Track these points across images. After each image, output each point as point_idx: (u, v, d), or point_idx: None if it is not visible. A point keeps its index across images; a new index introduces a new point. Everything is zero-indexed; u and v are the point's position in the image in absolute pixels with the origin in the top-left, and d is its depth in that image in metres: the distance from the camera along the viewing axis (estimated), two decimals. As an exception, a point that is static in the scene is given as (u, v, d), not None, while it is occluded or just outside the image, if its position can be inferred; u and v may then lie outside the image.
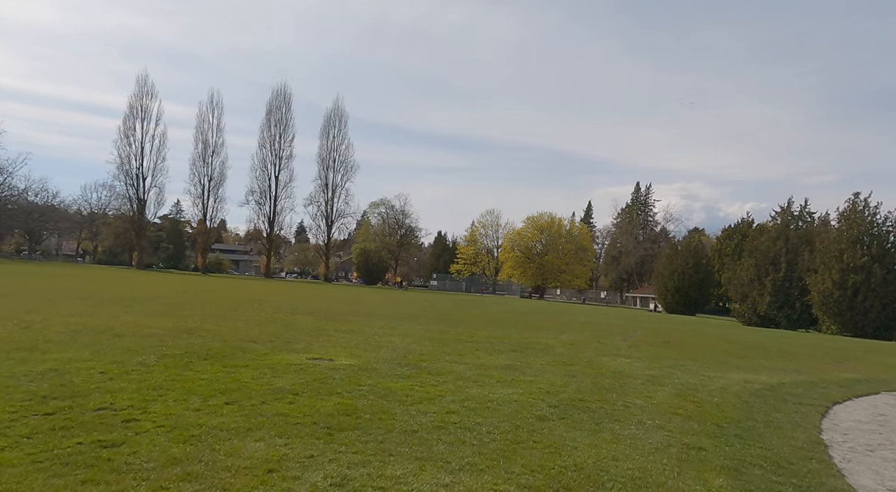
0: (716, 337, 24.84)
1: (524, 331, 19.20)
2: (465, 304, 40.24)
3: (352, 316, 19.72)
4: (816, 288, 41.11)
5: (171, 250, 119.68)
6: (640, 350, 15.37)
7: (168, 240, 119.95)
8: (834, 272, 39.96)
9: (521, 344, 14.50)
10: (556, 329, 21.49)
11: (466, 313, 27.32)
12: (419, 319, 20.58)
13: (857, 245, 40.23)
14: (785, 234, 47.40)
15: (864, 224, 40.94)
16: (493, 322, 22.38)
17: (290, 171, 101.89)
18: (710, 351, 17.22)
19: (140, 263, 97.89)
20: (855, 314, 39.57)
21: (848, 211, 42.62)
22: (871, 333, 39.40)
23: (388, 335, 13.84)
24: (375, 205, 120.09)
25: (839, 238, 40.98)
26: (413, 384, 7.74)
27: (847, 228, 41.45)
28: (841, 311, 39.86)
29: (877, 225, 41.46)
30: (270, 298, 28.61)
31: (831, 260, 40.32)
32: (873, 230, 41.12)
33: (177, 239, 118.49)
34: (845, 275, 39.61)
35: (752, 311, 47.77)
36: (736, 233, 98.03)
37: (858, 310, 39.53)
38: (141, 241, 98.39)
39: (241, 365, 8.13)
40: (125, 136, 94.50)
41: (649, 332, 24.62)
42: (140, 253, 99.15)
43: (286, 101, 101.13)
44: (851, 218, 41.85)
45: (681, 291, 67.57)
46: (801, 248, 45.29)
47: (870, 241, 40.70)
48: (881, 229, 41.36)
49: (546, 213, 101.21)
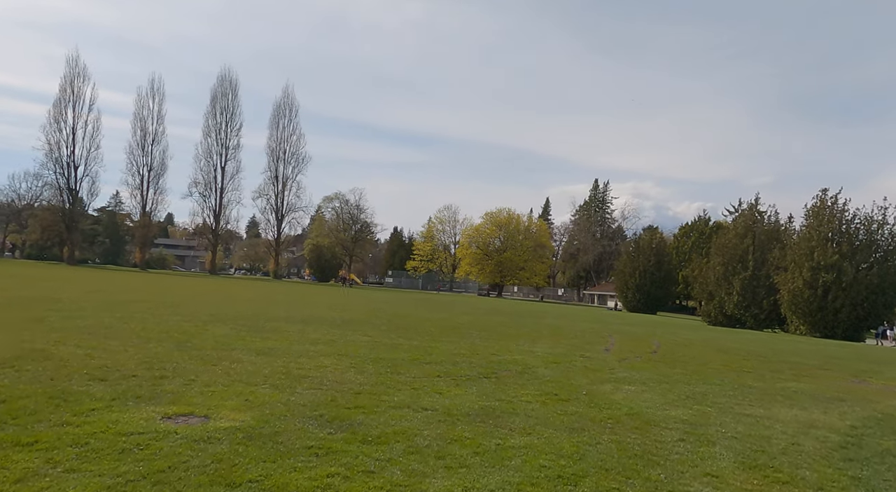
0: (700, 344, 22.32)
1: (492, 340, 16.11)
2: (421, 304, 36.96)
3: (283, 324, 16.20)
4: (786, 287, 39.50)
5: (107, 245, 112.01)
6: (637, 370, 12.45)
7: (105, 234, 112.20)
8: (805, 271, 38.38)
9: (492, 363, 11.36)
10: (528, 337, 18.48)
11: (423, 317, 24.07)
12: (367, 327, 17.24)
13: (827, 243, 38.79)
14: (752, 231, 45.89)
15: (835, 221, 39.52)
16: (455, 329, 19.22)
17: (238, 161, 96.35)
18: (714, 367, 14.49)
19: (71, 258, 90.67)
20: (826, 314, 38.07)
21: (817, 207, 41.21)
22: (841, 334, 38.03)
23: (320, 356, 10.46)
24: (329, 199, 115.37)
25: (809, 236, 39.46)
26: (332, 474, 4.45)
27: (817, 224, 40.00)
28: (811, 311, 38.32)
29: (846, 222, 40.14)
30: (195, 299, 24.67)
31: (802, 258, 38.73)
32: (842, 227, 39.77)
33: (115, 233, 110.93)
34: (816, 273, 38.07)
35: (719, 310, 46.12)
36: (693, 231, 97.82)
37: (829, 310, 38.05)
38: (72, 234, 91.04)
39: (26, 441, 4.63)
40: (55, 121, 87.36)
41: (626, 338, 21.91)
42: (71, 248, 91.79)
43: (232, 87, 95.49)
44: (821, 215, 40.43)
45: (642, 289, 66.05)
46: (769, 245, 43.81)
47: (839, 238, 39.33)
48: (850, 227, 40.07)
49: (505, 208, 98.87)
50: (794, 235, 43.39)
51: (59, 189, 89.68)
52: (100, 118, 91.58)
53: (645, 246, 67.57)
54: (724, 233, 50.97)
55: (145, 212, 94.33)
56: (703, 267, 48.56)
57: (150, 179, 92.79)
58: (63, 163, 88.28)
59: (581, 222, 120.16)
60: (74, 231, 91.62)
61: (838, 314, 37.86)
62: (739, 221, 47.69)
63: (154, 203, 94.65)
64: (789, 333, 40.45)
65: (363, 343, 13.07)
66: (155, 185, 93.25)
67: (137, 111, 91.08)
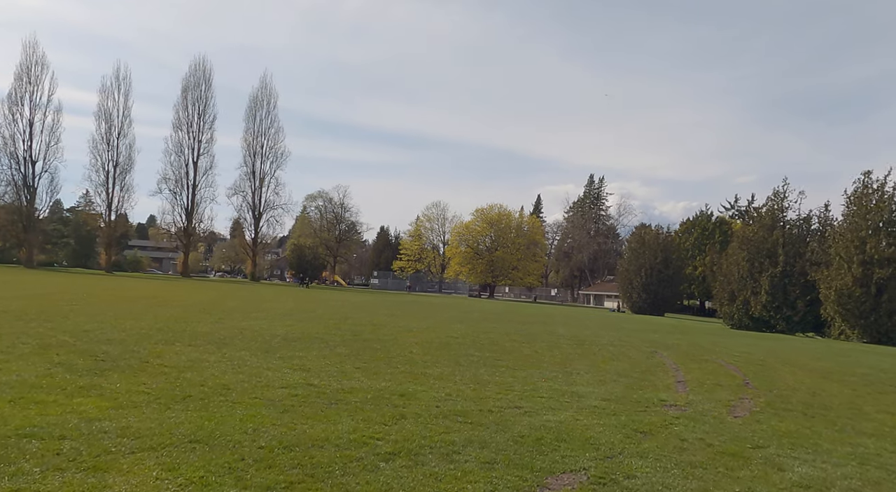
0: (778, 364, 16.53)
1: (503, 369, 10.27)
2: (403, 309, 30.88)
3: (175, 347, 10.24)
4: (831, 285, 33.84)
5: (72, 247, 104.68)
6: (791, 440, 6.64)
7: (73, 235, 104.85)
8: (854, 266, 32.72)
9: (524, 439, 5.52)
10: (551, 360, 12.65)
11: (403, 328, 18.10)
12: (315, 348, 11.33)
13: (879, 233, 33.22)
14: (781, 222, 40.30)
15: (885, 208, 33.87)
16: (445, 347, 13.32)
17: (212, 157, 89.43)
18: (872, 417, 8.74)
19: (29, 260, 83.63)
20: (880, 317, 32.43)
21: (859, 193, 35.51)
22: (895, 341, 32.43)
23: (141, 453, 4.54)
24: (313, 198, 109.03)
25: (857, 225, 33.75)
26: None
27: (863, 212, 34.30)
28: (863, 313, 32.59)
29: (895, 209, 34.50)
30: (97, 306, 18.52)
31: (851, 251, 33.03)
32: (893, 216, 34.16)
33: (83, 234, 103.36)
34: (868, 269, 32.45)
35: (743, 312, 40.46)
36: (695, 226, 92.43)
37: (883, 311, 32.44)
38: (30, 235, 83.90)
39: None
40: (9, 112, 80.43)
41: (680, 356, 16.13)
42: (29, 249, 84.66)
43: (206, 78, 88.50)
44: (865, 201, 34.72)
45: (648, 288, 60.46)
46: (803, 237, 38.28)
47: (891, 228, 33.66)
48: (903, 214, 34.30)
49: (496, 204, 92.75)
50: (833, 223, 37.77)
51: (16, 186, 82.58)
52: (60, 110, 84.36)
53: (651, 241, 61.96)
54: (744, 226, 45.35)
55: (110, 210, 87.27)
56: (725, 263, 42.84)
57: (116, 175, 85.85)
58: (19, 157, 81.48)
59: (575, 219, 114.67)
60: (33, 231, 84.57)
61: (893, 317, 32.26)
62: (765, 211, 42.06)
63: (120, 201, 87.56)
64: (831, 338, 34.84)
65: (287, 387, 7.15)
66: (121, 182, 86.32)
67: (102, 102, 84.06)
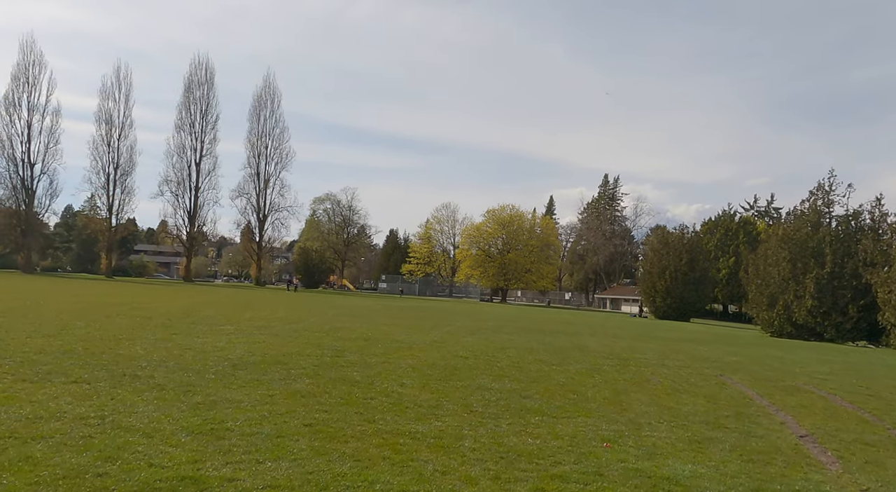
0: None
1: (531, 423, 6.75)
2: (406, 316, 27.26)
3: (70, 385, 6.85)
4: (891, 288, 30.01)
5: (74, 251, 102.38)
6: None
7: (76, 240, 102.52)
8: (919, 267, 29.01)
9: None
10: (598, 397, 9.11)
11: (400, 343, 14.59)
12: (271, 382, 7.89)
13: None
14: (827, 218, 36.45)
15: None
16: (454, 374, 9.80)
17: (215, 158, 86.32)
18: None
19: (28, 265, 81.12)
20: (952, 325, 28.68)
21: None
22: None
23: None
24: (320, 200, 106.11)
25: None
26: None
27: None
28: (938, 321, 28.80)
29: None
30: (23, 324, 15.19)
31: (921, 248, 29.26)
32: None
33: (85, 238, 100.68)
34: (937, 270, 28.73)
35: (785, 318, 36.59)
36: (718, 227, 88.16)
37: (956, 319, 28.67)
38: (29, 239, 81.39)
39: None
40: (7, 113, 78.17)
41: (748, 378, 12.51)
42: (27, 254, 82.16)
43: (208, 76, 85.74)
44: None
45: (673, 292, 56.44)
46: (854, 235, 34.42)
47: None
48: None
49: (508, 205, 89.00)
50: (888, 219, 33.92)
51: (14, 189, 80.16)
52: (59, 112, 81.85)
53: (675, 242, 58.06)
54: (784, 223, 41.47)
55: (110, 213, 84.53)
56: (762, 264, 38.98)
57: (117, 177, 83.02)
58: (17, 159, 79.15)
59: (590, 221, 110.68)
60: (32, 236, 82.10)
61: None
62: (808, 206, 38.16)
63: (121, 204, 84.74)
64: (891, 347, 30.94)
65: None
66: (122, 184, 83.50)
67: (102, 103, 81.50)
